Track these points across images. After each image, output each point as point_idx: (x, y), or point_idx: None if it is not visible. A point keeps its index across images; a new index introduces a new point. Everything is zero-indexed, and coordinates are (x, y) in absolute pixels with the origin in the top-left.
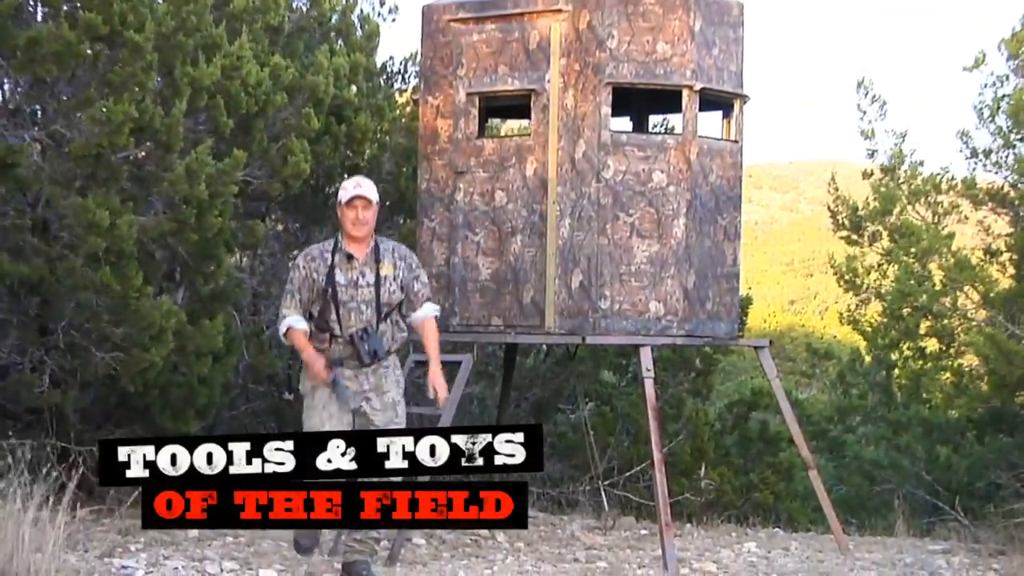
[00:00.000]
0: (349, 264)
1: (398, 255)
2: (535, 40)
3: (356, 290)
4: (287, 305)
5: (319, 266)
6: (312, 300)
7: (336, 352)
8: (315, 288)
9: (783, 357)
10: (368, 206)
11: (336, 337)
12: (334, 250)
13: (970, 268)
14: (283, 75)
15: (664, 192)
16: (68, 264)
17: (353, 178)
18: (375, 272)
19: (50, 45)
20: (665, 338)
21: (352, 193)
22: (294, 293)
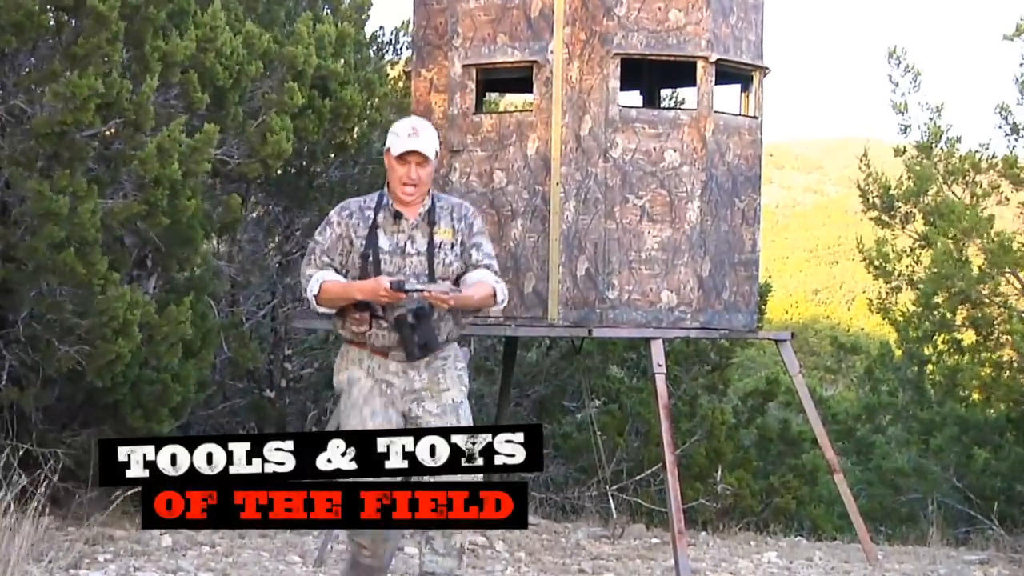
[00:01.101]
0: (396, 225)
1: (456, 216)
2: (537, 7)
3: (404, 259)
4: (312, 264)
5: (358, 224)
6: (345, 268)
7: (378, 339)
8: (351, 252)
9: (806, 351)
10: (425, 163)
11: (378, 318)
12: (378, 207)
13: (1011, 252)
14: (257, 43)
15: (677, 172)
16: (28, 248)
17: (407, 120)
18: (428, 237)
19: (9, 15)
20: (678, 330)
21: (406, 146)
22: (320, 255)
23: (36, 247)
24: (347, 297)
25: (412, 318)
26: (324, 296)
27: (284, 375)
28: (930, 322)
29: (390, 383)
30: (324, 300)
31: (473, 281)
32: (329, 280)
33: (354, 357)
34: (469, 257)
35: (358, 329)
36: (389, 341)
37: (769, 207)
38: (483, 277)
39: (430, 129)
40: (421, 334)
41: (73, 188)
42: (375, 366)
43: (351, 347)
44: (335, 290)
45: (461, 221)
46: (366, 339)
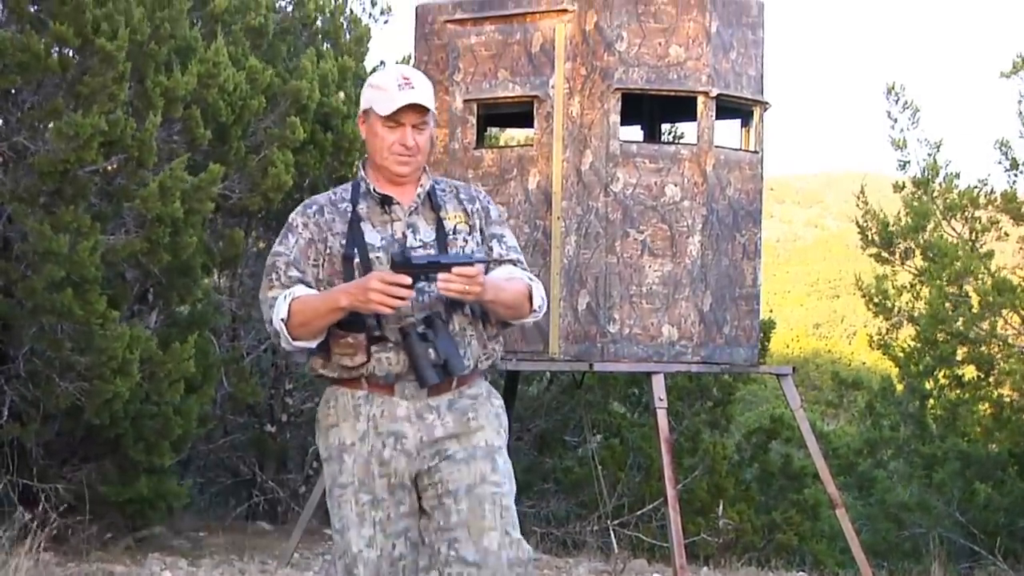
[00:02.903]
0: (386, 213)
1: (466, 197)
2: (538, 42)
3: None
4: (273, 285)
5: (332, 220)
6: (321, 281)
7: (379, 367)
8: (327, 258)
9: (807, 385)
10: (423, 124)
11: (376, 339)
12: (355, 195)
13: (1010, 290)
14: (260, 78)
15: (678, 207)
16: (27, 287)
17: (393, 69)
18: (435, 223)
19: (15, 56)
20: (679, 364)
21: (400, 100)
22: (285, 269)
23: (34, 286)
24: (329, 308)
25: (423, 326)
26: (297, 318)
27: (285, 409)
28: (930, 357)
29: (401, 435)
30: (298, 325)
31: (502, 277)
32: (302, 295)
33: (345, 406)
34: (490, 251)
35: (353, 363)
36: (396, 366)
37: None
38: (513, 272)
39: (425, 79)
40: (439, 349)
41: (76, 224)
42: (376, 413)
43: (339, 389)
44: (312, 305)
45: (474, 203)
46: (363, 372)
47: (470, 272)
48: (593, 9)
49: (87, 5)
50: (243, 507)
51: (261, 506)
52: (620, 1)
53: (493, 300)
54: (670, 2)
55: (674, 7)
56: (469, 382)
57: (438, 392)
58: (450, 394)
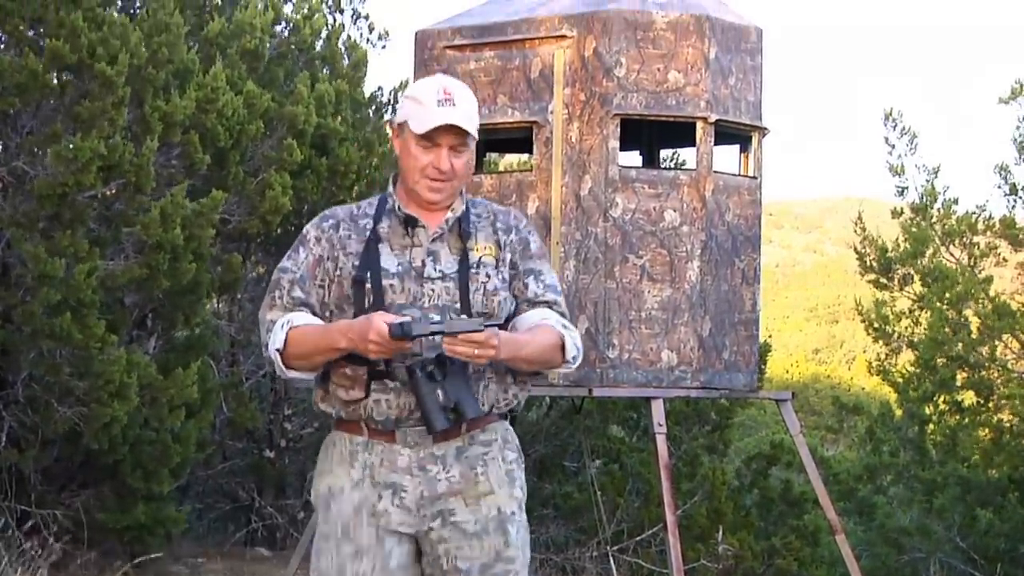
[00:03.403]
0: (408, 237)
1: (503, 225)
2: (537, 68)
3: (421, 285)
4: (275, 305)
5: (347, 237)
6: (327, 304)
7: (380, 408)
8: (337, 280)
9: (807, 411)
10: (463, 147)
11: (380, 374)
12: (380, 212)
13: (1009, 315)
14: (258, 103)
15: (677, 232)
16: (25, 311)
17: (434, 80)
18: (460, 254)
19: (13, 76)
20: (678, 390)
21: (437, 119)
22: (289, 288)
23: (32, 311)
24: (327, 347)
25: (434, 366)
26: (294, 350)
27: (284, 435)
28: (930, 383)
29: (399, 488)
30: (295, 356)
31: (530, 324)
32: (301, 325)
33: (341, 452)
34: (524, 288)
35: (348, 396)
36: (399, 409)
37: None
38: (545, 319)
39: (469, 95)
40: (450, 391)
41: (74, 249)
42: (375, 462)
43: (338, 435)
44: (310, 339)
45: (511, 233)
46: (360, 413)
47: (477, 338)
48: (592, 35)
49: (83, 29)
50: (242, 533)
51: (260, 532)
52: (619, 27)
53: (511, 358)
54: (669, 28)
55: (673, 33)
56: (482, 425)
57: (445, 437)
58: (459, 440)
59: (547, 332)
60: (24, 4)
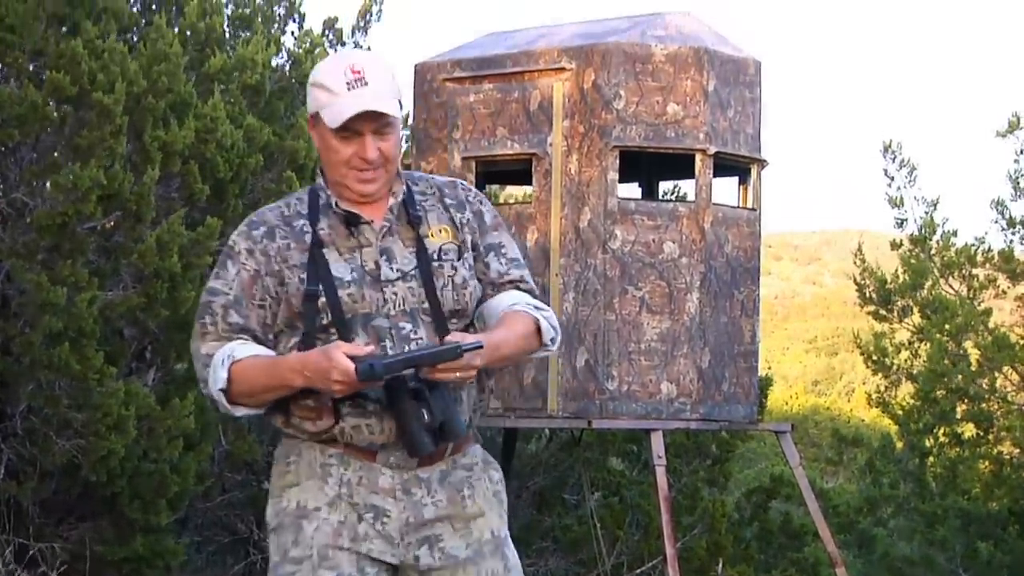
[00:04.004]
0: (354, 237)
1: (452, 199)
2: (536, 101)
3: (381, 290)
4: (207, 334)
5: (286, 246)
6: (271, 326)
7: (358, 435)
8: (282, 298)
9: (806, 443)
10: (388, 129)
11: (347, 400)
12: (314, 210)
13: (1009, 347)
14: (258, 136)
15: (676, 264)
16: (24, 342)
17: (340, 58)
18: (415, 244)
19: (13, 108)
20: (678, 422)
21: (349, 108)
22: (224, 314)
23: (31, 341)
24: (280, 385)
25: (416, 381)
26: (240, 387)
27: None
28: (930, 415)
29: (382, 512)
30: (241, 395)
31: (500, 311)
32: (245, 358)
33: (311, 464)
34: (486, 269)
35: (316, 427)
36: (380, 433)
37: (768, 298)
38: (515, 303)
39: (381, 66)
40: (436, 409)
41: (74, 279)
42: (352, 479)
43: (305, 443)
44: (257, 378)
45: (463, 209)
46: (335, 437)
47: (457, 366)
48: (591, 68)
49: (83, 56)
50: (240, 565)
51: (258, 564)
52: (618, 60)
53: (490, 361)
54: (668, 60)
55: (672, 66)
56: (463, 449)
57: (431, 460)
58: (443, 464)
59: (521, 320)
60: (25, 37)
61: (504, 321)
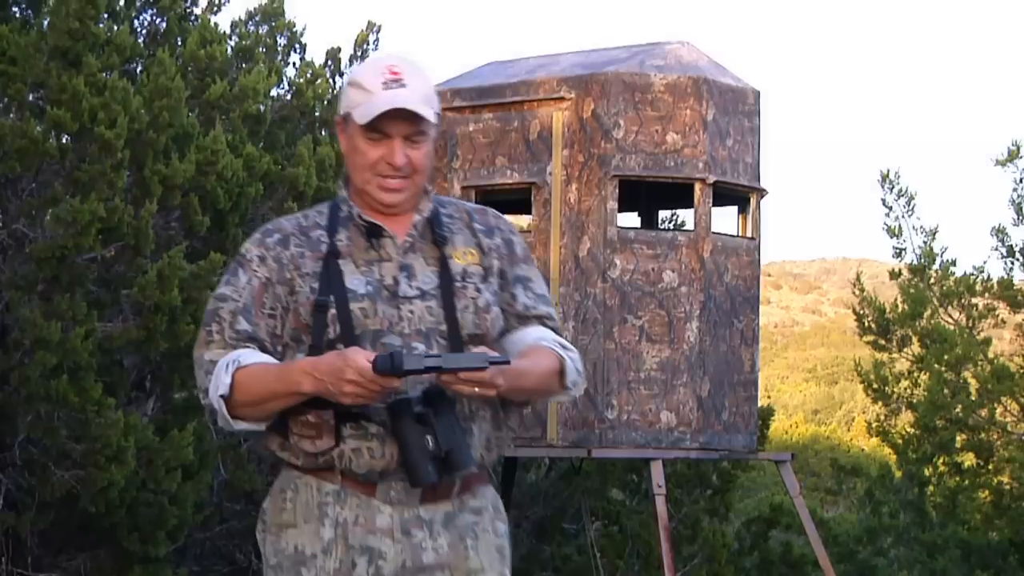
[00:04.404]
0: (374, 249)
1: (482, 225)
2: (536, 130)
3: (397, 307)
4: (213, 342)
5: (300, 255)
6: (279, 337)
7: (358, 460)
8: (291, 307)
9: (806, 472)
10: (420, 136)
11: (349, 416)
12: (334, 222)
13: (1008, 377)
14: (257, 165)
15: (675, 293)
16: (21, 374)
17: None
18: (438, 263)
19: (14, 141)
20: (678, 451)
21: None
22: (231, 321)
23: (29, 374)
24: (286, 391)
25: (423, 406)
26: (243, 395)
27: None
28: (930, 444)
29: (378, 554)
30: (244, 404)
31: (524, 345)
32: (251, 364)
33: (308, 503)
34: (512, 300)
35: (315, 447)
36: (381, 460)
37: (767, 327)
38: (540, 339)
39: (422, 72)
40: (442, 436)
41: (72, 312)
42: (348, 519)
43: (302, 478)
44: (264, 382)
45: (493, 235)
46: (333, 462)
47: (482, 378)
48: (590, 97)
49: (84, 93)
50: None
51: None
52: (617, 89)
53: (511, 388)
54: (667, 90)
55: (671, 95)
56: (473, 488)
57: (435, 499)
58: (449, 504)
59: (546, 356)
60: (26, 69)
61: (528, 354)
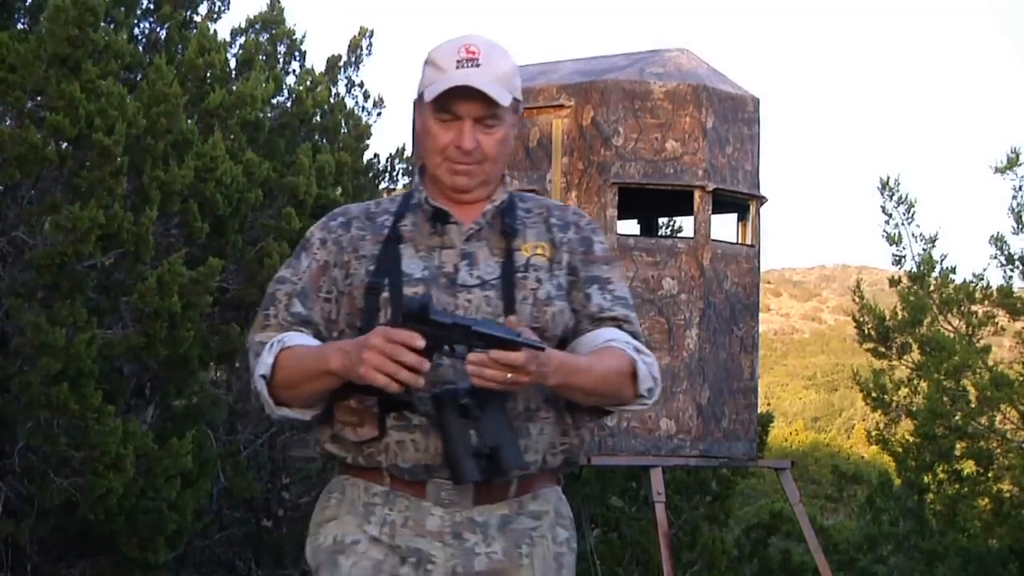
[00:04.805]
0: (437, 235)
1: (559, 220)
2: (535, 137)
3: (454, 295)
4: (269, 325)
5: (360, 240)
6: (336, 322)
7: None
8: (346, 291)
9: (806, 479)
10: (494, 120)
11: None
12: (403, 208)
13: (1008, 385)
14: (257, 171)
15: (675, 300)
16: (21, 381)
17: (457, 40)
18: (503, 254)
19: (14, 148)
20: (678, 459)
21: (451, 80)
22: (286, 303)
23: (30, 380)
24: (316, 369)
25: (465, 397)
26: (282, 376)
27: (281, 504)
28: (929, 452)
29: (426, 557)
30: (283, 386)
31: (593, 347)
32: (294, 345)
33: (353, 501)
34: (586, 301)
35: (358, 436)
36: (426, 453)
37: (767, 335)
38: (613, 339)
39: (501, 53)
40: (486, 432)
41: (73, 318)
42: (396, 520)
43: (350, 479)
44: (301, 361)
45: (568, 230)
46: (376, 457)
47: (513, 360)
48: (590, 104)
49: (81, 100)
50: None
51: None
52: (617, 96)
53: (563, 384)
54: (666, 97)
55: (670, 103)
56: (534, 488)
57: (489, 500)
58: (506, 507)
59: (614, 355)
60: (25, 76)
61: (594, 352)
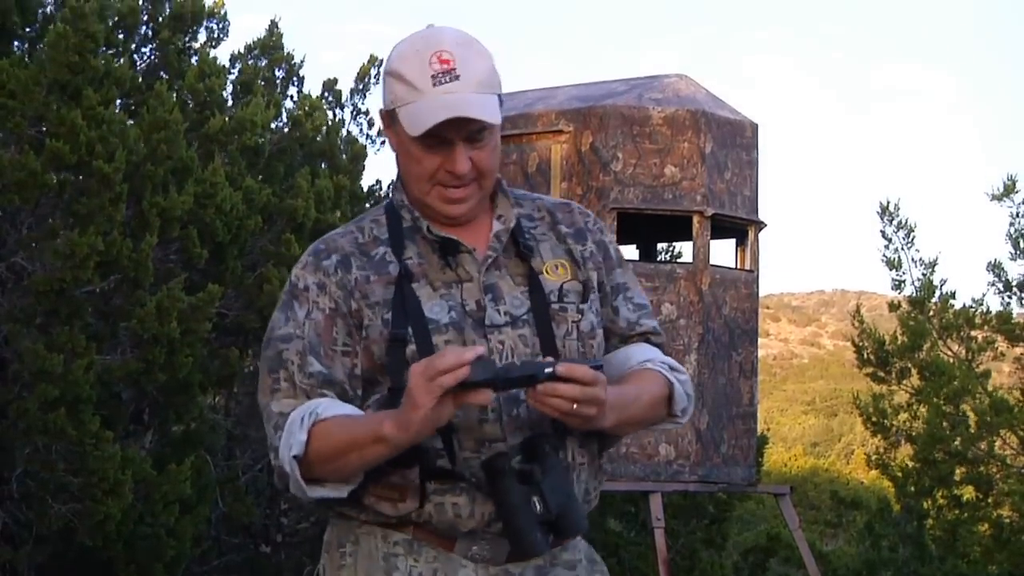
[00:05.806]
0: (451, 269)
1: (568, 228)
2: (534, 162)
3: (485, 336)
4: (282, 392)
5: (366, 283)
6: (359, 379)
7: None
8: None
9: (805, 505)
10: (484, 137)
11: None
12: (397, 235)
13: (1007, 410)
14: (257, 197)
15: (674, 325)
16: (19, 407)
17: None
18: (527, 281)
19: (13, 175)
20: (676, 484)
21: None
22: (298, 367)
23: (28, 406)
24: (366, 436)
25: (522, 459)
26: (320, 450)
27: (280, 530)
28: (929, 477)
29: None
30: (322, 460)
31: (628, 368)
32: (330, 417)
33: (371, 554)
34: (614, 316)
35: (396, 511)
36: (471, 519)
37: (766, 360)
38: (648, 359)
39: (474, 51)
40: (551, 497)
41: (72, 344)
42: (425, 572)
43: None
44: (348, 431)
45: (583, 239)
46: (413, 520)
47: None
48: (589, 130)
49: (82, 127)
50: None
51: None
52: (615, 122)
53: (617, 424)
54: (665, 123)
55: (669, 128)
56: (564, 540)
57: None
58: (539, 559)
59: (653, 381)
60: (26, 102)
61: (632, 378)
